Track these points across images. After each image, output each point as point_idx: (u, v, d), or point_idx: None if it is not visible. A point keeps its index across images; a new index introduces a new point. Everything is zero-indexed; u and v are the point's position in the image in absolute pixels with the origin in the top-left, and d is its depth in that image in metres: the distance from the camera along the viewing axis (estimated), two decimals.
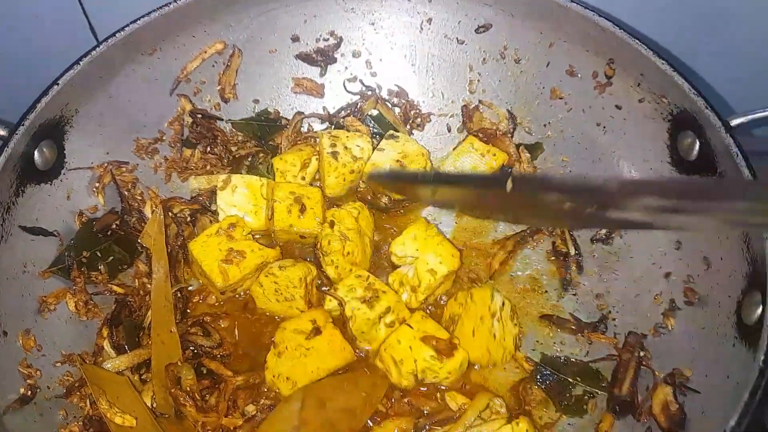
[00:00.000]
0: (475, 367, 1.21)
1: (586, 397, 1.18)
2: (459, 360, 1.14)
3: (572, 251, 1.31)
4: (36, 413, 1.06)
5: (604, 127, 1.30)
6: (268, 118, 1.44)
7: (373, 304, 1.21)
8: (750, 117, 1.09)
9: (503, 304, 1.21)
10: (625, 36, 1.16)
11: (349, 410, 1.12)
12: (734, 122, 1.06)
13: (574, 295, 1.30)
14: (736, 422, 0.87)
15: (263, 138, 1.43)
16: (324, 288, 1.26)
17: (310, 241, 1.32)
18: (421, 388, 1.18)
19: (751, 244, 1.03)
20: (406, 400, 1.17)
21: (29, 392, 1.06)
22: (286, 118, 1.44)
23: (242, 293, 1.29)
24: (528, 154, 1.38)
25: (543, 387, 1.19)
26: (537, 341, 1.26)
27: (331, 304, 1.23)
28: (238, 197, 1.32)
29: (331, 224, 1.27)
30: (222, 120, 1.41)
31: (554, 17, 1.25)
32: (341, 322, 1.22)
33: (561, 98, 1.34)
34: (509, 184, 0.82)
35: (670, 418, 1.03)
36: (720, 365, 1.03)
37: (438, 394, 1.18)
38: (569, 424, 1.17)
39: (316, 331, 1.18)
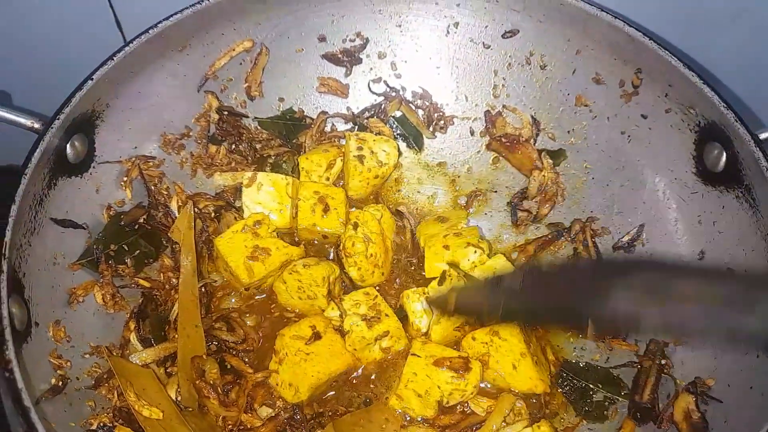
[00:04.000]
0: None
1: (606, 403, 1.19)
2: (478, 372, 1.15)
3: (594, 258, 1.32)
4: (66, 403, 1.07)
5: (629, 136, 1.31)
6: (293, 117, 1.45)
7: (373, 324, 1.22)
8: None
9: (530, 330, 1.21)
10: (655, 46, 1.17)
11: None
12: (763, 136, 1.07)
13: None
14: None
15: (288, 137, 1.44)
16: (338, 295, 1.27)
17: (332, 240, 1.33)
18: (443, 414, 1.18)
19: None
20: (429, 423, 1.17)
21: (60, 382, 1.07)
22: (310, 118, 1.45)
23: (265, 290, 1.30)
24: (550, 161, 1.39)
25: (564, 392, 1.20)
26: (558, 346, 1.27)
27: (333, 312, 1.24)
28: (264, 195, 1.33)
29: (355, 226, 1.28)
30: (248, 117, 1.42)
31: (582, 24, 1.26)
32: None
33: (586, 105, 1.34)
34: (591, 329, 0.82)
35: (692, 426, 1.04)
36: (743, 376, 1.04)
37: (458, 408, 1.19)
38: (589, 429, 1.18)
39: (316, 336, 1.19)
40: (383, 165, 1.37)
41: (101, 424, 1.07)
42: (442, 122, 1.47)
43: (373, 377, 1.23)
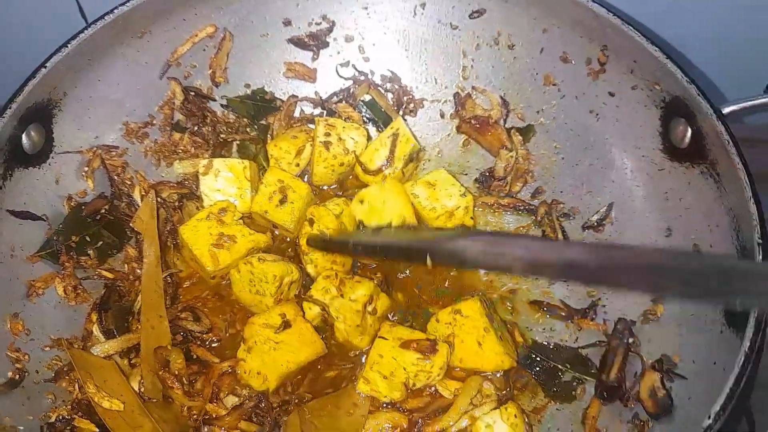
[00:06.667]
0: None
1: (574, 383, 1.18)
2: (444, 354, 1.14)
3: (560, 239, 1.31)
4: (24, 397, 1.06)
5: (597, 114, 1.29)
6: (263, 98, 1.42)
7: (351, 293, 1.19)
8: (742, 105, 1.10)
9: (494, 307, 1.22)
10: (619, 22, 1.16)
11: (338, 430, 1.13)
12: (726, 110, 1.06)
13: (564, 281, 1.30)
14: (721, 407, 0.88)
15: (255, 117, 1.42)
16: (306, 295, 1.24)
17: (282, 233, 1.31)
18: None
19: (741, 232, 1.03)
20: (396, 406, 1.16)
21: (17, 376, 1.06)
22: (281, 100, 1.43)
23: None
24: (520, 137, 1.37)
25: (532, 373, 1.19)
26: (527, 327, 1.26)
27: (311, 312, 1.21)
28: (222, 181, 1.31)
29: (311, 222, 1.25)
30: (214, 101, 1.40)
31: (548, 3, 1.24)
32: (327, 331, 1.21)
33: (554, 85, 1.33)
34: (429, 261, 0.98)
35: (656, 404, 1.04)
36: (707, 351, 1.03)
37: (426, 391, 1.18)
38: (557, 409, 1.18)
39: (286, 324, 1.17)
40: (349, 153, 1.34)
41: (60, 417, 1.06)
42: (411, 105, 1.45)
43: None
